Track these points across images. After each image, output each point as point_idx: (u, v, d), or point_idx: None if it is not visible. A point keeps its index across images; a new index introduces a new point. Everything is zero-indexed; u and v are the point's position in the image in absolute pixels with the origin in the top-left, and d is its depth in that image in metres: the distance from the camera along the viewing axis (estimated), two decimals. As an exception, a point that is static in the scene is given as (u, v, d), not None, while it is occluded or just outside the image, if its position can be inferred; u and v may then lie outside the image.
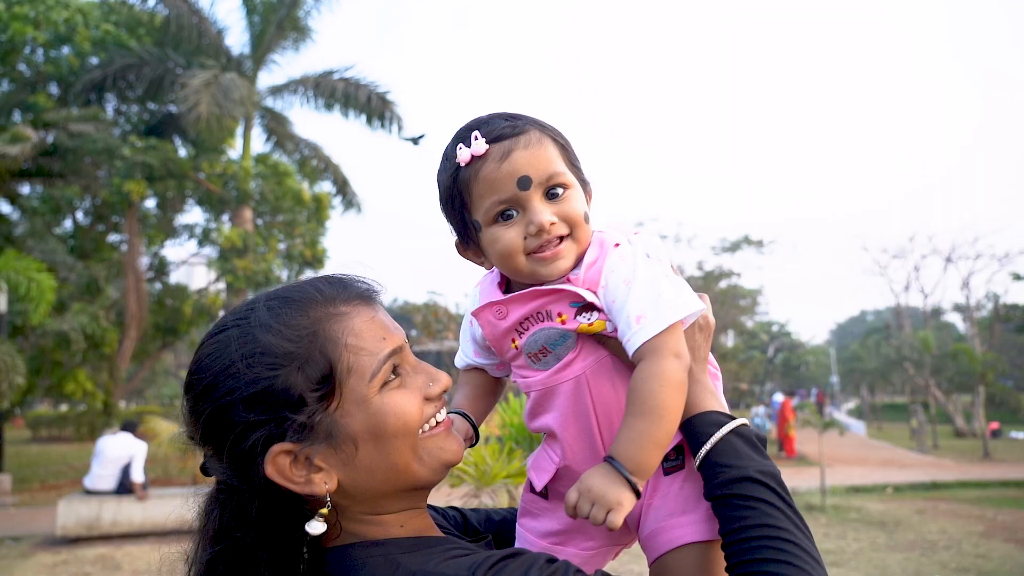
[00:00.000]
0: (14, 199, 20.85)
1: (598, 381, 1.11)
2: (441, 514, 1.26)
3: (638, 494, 0.99)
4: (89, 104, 20.06)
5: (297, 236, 21.39)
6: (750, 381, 45.41)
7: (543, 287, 1.09)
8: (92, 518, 10.24)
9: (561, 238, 1.09)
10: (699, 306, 1.06)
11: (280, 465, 0.93)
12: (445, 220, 1.19)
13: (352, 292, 1.03)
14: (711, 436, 1.04)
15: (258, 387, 0.93)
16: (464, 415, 1.23)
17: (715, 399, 1.10)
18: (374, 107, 20.52)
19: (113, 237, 22.62)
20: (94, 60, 20.48)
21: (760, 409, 28.03)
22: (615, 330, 1.09)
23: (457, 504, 3.67)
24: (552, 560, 0.90)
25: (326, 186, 22.86)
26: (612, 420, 1.10)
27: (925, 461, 20.42)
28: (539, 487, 1.17)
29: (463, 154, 1.09)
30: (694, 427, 1.06)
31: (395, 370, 1.00)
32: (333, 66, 20.89)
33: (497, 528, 1.34)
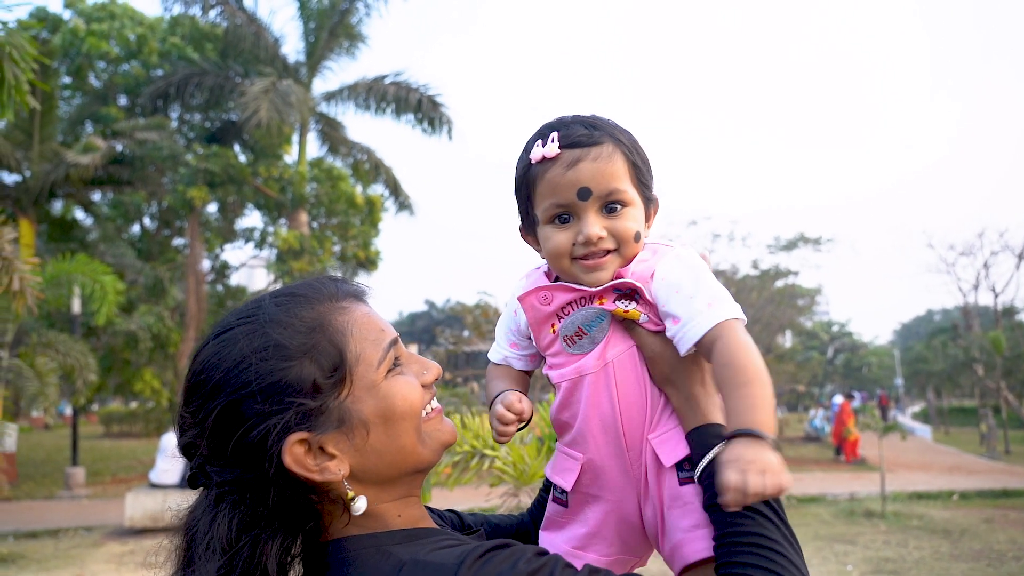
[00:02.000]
0: (87, 206, 21.93)
1: (624, 372, 1.14)
2: (438, 515, 1.28)
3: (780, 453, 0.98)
4: (155, 113, 20.96)
5: (351, 238, 21.83)
6: (808, 383, 44.17)
7: (589, 289, 1.15)
8: (157, 510, 10.69)
9: (608, 251, 1.14)
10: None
11: (296, 454, 0.96)
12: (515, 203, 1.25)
13: (347, 290, 1.09)
14: (712, 448, 1.05)
15: (273, 378, 0.95)
16: (519, 392, 1.27)
17: (722, 414, 1.10)
18: (424, 110, 20.78)
19: (177, 241, 23.56)
20: (159, 72, 21.40)
21: (819, 412, 27.25)
22: (648, 321, 1.13)
23: (496, 502, 3.73)
24: (542, 553, 0.92)
25: (379, 189, 23.27)
26: (632, 413, 1.13)
27: (995, 467, 19.50)
28: (568, 487, 1.19)
29: (536, 152, 1.15)
30: (698, 438, 1.08)
31: (395, 360, 1.05)
32: (385, 71, 21.26)
33: (492, 530, 1.35)
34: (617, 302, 1.12)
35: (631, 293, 1.13)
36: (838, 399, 22.16)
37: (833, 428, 21.10)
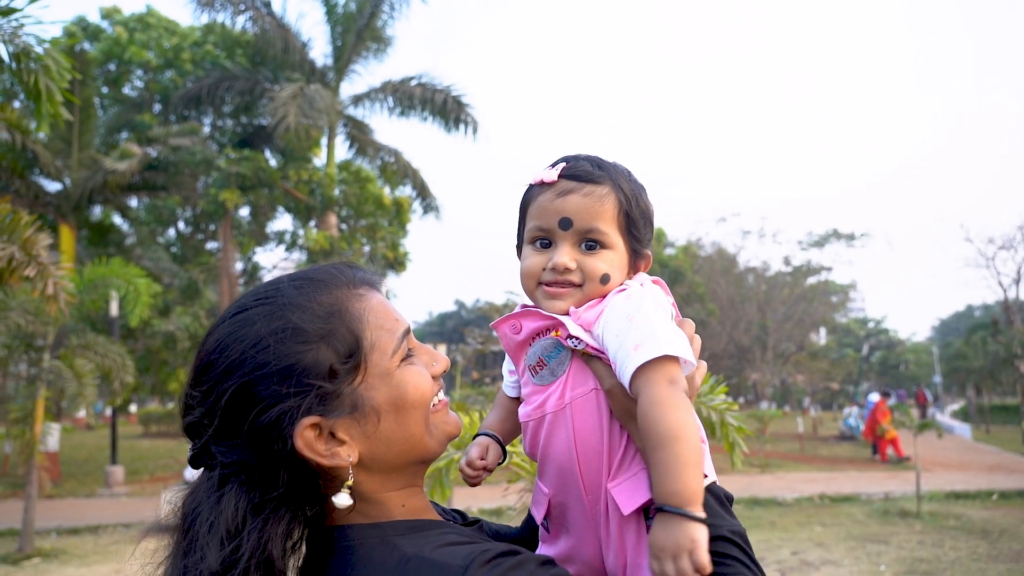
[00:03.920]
0: (124, 211, 22.48)
1: (583, 415, 1.12)
2: (440, 509, 1.28)
3: (704, 521, 0.94)
4: (187, 118, 21.43)
5: (379, 239, 22.05)
6: (843, 381, 43.42)
7: (545, 313, 1.17)
8: (193, 508, 10.93)
9: (573, 284, 1.15)
10: (692, 357, 1.06)
11: (307, 438, 0.96)
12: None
13: (363, 278, 1.10)
14: None
15: (289, 361, 0.95)
16: (492, 436, 1.29)
17: None
18: (450, 111, 20.92)
19: (211, 244, 24.02)
20: (192, 80, 21.91)
21: (853, 410, 26.80)
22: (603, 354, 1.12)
23: (513, 498, 3.76)
24: (547, 563, 0.93)
25: (406, 190, 23.47)
26: (590, 458, 1.11)
27: (1038, 467, 18.98)
28: (539, 520, 1.22)
29: (537, 175, 1.19)
30: None
31: (408, 350, 1.07)
32: (410, 72, 21.46)
33: (491, 536, 1.32)
34: (569, 340, 1.12)
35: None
36: (874, 397, 21.78)
37: (866, 426, 20.75)
